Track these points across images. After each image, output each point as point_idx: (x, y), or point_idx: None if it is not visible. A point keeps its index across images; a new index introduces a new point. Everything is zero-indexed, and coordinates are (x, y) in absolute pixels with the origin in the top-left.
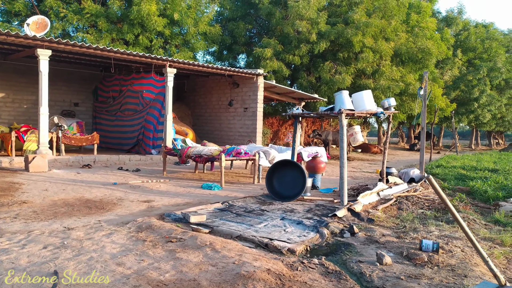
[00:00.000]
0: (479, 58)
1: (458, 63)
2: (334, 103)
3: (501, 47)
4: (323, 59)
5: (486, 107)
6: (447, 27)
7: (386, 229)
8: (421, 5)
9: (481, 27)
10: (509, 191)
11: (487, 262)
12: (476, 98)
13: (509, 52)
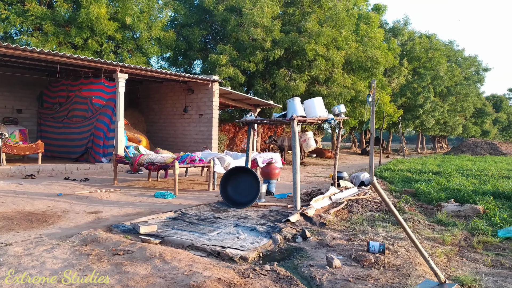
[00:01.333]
0: (423, 67)
1: (404, 72)
2: (287, 110)
3: (443, 56)
4: (278, 66)
5: (430, 113)
6: (394, 37)
7: (337, 233)
8: (370, 16)
9: (425, 37)
10: (450, 193)
11: (428, 261)
12: (421, 104)
13: (450, 61)
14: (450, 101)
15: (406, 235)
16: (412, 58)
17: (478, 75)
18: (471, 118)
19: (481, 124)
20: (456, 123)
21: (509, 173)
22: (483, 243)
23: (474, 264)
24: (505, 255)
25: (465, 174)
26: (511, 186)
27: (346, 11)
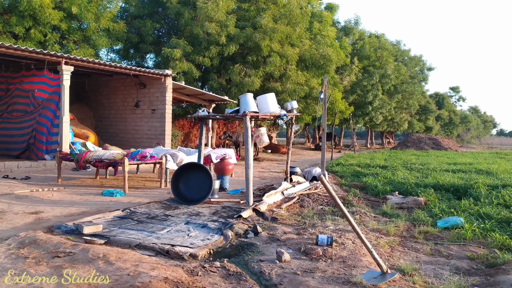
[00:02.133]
0: (372, 66)
1: (355, 70)
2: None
3: (391, 56)
4: (233, 62)
5: (379, 110)
6: (345, 36)
7: (288, 227)
8: (323, 15)
9: (374, 37)
10: (395, 186)
11: (371, 252)
12: (370, 101)
13: (397, 60)
14: (397, 99)
15: (351, 228)
16: (362, 57)
17: (422, 74)
18: (416, 115)
19: (425, 120)
20: (402, 120)
21: (449, 167)
22: (423, 233)
23: (415, 253)
24: (443, 244)
25: (409, 168)
26: (450, 179)
27: (300, 8)
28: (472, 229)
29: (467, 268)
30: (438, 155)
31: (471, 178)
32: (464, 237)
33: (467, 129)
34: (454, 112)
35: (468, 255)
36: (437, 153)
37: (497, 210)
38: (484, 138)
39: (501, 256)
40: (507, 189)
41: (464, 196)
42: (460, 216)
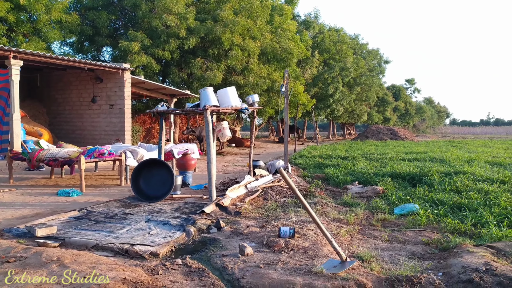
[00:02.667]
0: (332, 59)
1: (316, 63)
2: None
3: (350, 49)
4: (194, 55)
5: (340, 102)
6: (306, 30)
7: (251, 220)
8: (283, 8)
9: (334, 31)
10: (355, 176)
11: (331, 242)
12: (331, 94)
13: (356, 54)
14: (357, 91)
15: (311, 219)
16: (323, 50)
17: (380, 67)
18: (374, 107)
19: (383, 112)
20: (362, 111)
21: (405, 156)
22: (381, 220)
23: (373, 240)
24: (399, 230)
25: (368, 158)
26: (406, 168)
27: (260, 1)
28: (427, 215)
29: (422, 252)
30: (395, 145)
31: (425, 166)
32: (419, 223)
33: (422, 119)
34: (410, 103)
35: (423, 240)
36: (395, 143)
37: (450, 196)
38: (438, 128)
39: (453, 240)
40: (459, 176)
41: (419, 183)
42: (415, 203)
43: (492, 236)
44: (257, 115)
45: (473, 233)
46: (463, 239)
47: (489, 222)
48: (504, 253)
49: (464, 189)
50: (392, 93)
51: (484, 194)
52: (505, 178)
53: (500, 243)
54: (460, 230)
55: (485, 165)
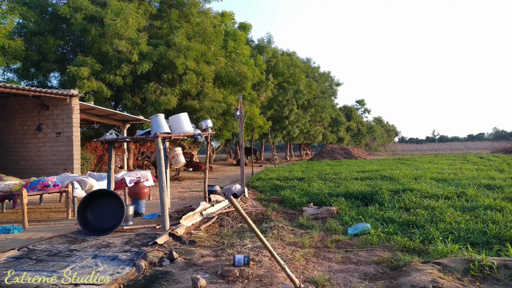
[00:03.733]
0: (286, 82)
1: (270, 86)
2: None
3: (302, 72)
4: (147, 80)
5: (295, 124)
6: (260, 54)
7: (206, 249)
8: (237, 34)
9: (286, 55)
10: (311, 197)
11: (284, 269)
12: (286, 116)
13: (308, 77)
14: (311, 113)
15: (263, 246)
16: (277, 74)
17: (332, 89)
18: (328, 127)
19: (337, 132)
20: (317, 132)
21: (358, 175)
22: (335, 242)
23: (328, 263)
24: (352, 251)
25: (323, 178)
26: (359, 187)
27: (214, 27)
28: (378, 234)
29: (374, 272)
30: (349, 164)
31: (376, 185)
32: (371, 242)
33: (373, 138)
34: (361, 123)
35: (374, 260)
36: (349, 162)
37: (399, 213)
38: (388, 146)
39: (403, 258)
40: (407, 193)
41: (371, 202)
42: (367, 222)
43: (439, 252)
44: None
45: (421, 250)
46: (412, 257)
47: (435, 238)
48: (449, 269)
49: (412, 206)
50: (345, 114)
51: (431, 210)
52: (449, 194)
53: (446, 259)
54: (409, 247)
55: (431, 181)
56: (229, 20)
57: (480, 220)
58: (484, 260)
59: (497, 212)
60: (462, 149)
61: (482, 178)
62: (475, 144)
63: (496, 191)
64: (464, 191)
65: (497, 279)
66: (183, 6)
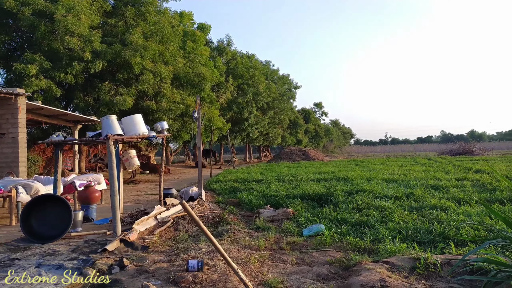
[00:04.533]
0: (246, 84)
1: (230, 88)
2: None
3: (262, 75)
4: (101, 79)
5: (254, 126)
6: (219, 56)
7: (159, 255)
8: (196, 34)
9: (246, 57)
10: (268, 199)
11: (237, 273)
12: (246, 118)
13: (268, 79)
14: (270, 115)
15: (216, 250)
16: (236, 76)
17: (290, 91)
18: (287, 129)
19: (295, 134)
20: (276, 134)
21: (315, 176)
22: (291, 243)
23: (282, 265)
24: (307, 252)
25: (281, 180)
26: (315, 189)
27: (172, 27)
28: (331, 234)
29: (326, 273)
30: (307, 166)
31: (332, 186)
32: (325, 243)
33: (330, 140)
34: (319, 126)
35: (327, 260)
36: (306, 164)
37: (352, 214)
38: (344, 147)
39: (354, 258)
40: (360, 194)
41: (326, 203)
42: (322, 223)
43: (388, 252)
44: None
45: (371, 249)
46: (362, 256)
47: (385, 237)
48: (397, 268)
49: (364, 207)
50: (303, 116)
51: (381, 210)
52: (399, 194)
53: (394, 258)
54: (360, 247)
55: (383, 182)
56: (187, 20)
57: (426, 219)
58: (429, 258)
59: (442, 211)
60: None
61: (429, 179)
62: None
63: (442, 191)
64: (413, 191)
65: (440, 276)
66: (140, 4)
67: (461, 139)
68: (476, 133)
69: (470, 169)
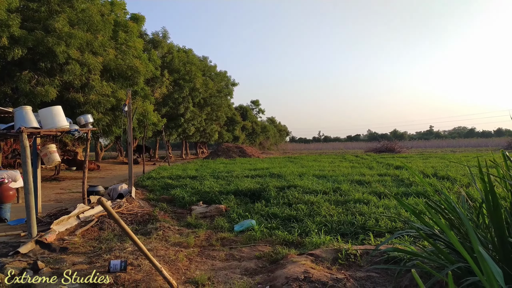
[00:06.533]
0: (182, 79)
1: (166, 82)
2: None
3: (199, 70)
4: (20, 68)
5: (191, 122)
6: (154, 49)
7: (79, 256)
8: (128, 25)
9: (183, 52)
10: (202, 195)
11: (160, 272)
12: (182, 113)
13: (205, 75)
14: (207, 111)
15: (137, 249)
16: (173, 70)
17: (228, 88)
18: (224, 126)
19: (233, 131)
20: (213, 131)
21: (250, 172)
22: (221, 239)
23: (211, 261)
24: (237, 248)
25: (216, 177)
26: (248, 185)
27: (102, 15)
28: (261, 229)
29: (254, 267)
30: (243, 162)
31: (265, 182)
32: (255, 238)
33: (266, 137)
34: (256, 123)
35: (256, 255)
36: (242, 160)
37: (282, 209)
38: (280, 145)
39: (281, 252)
40: (291, 190)
41: (258, 199)
42: (253, 218)
43: (313, 244)
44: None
45: (299, 242)
46: (289, 250)
47: (312, 230)
48: (321, 259)
49: (294, 202)
50: (240, 113)
51: (310, 205)
52: (327, 189)
53: (319, 250)
54: (288, 240)
55: (313, 178)
56: (120, 10)
57: (350, 212)
58: (350, 249)
59: (364, 205)
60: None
61: (355, 174)
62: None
63: (365, 186)
64: (340, 186)
65: (360, 266)
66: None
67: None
68: (398, 132)
69: (391, 166)
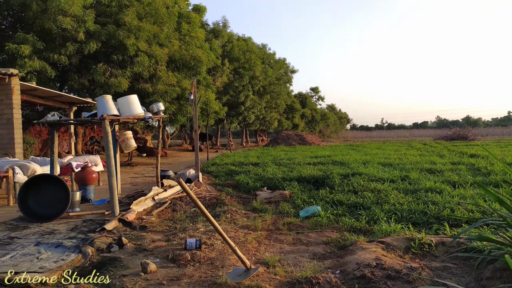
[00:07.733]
0: (242, 68)
1: (226, 71)
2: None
3: (258, 58)
4: (95, 61)
5: (251, 110)
6: (215, 39)
7: (157, 234)
8: (191, 16)
9: (242, 40)
10: (265, 181)
11: (234, 251)
12: (242, 102)
13: (264, 63)
14: (266, 99)
15: (214, 229)
16: (232, 59)
17: (287, 76)
18: (284, 114)
19: (292, 118)
20: (272, 118)
21: (311, 160)
22: (287, 224)
23: (279, 244)
24: (303, 233)
25: (278, 164)
26: (311, 172)
27: (166, 8)
28: (327, 215)
29: (322, 252)
30: (303, 150)
31: (328, 169)
32: (321, 223)
33: (326, 125)
34: (315, 110)
35: (323, 240)
36: (303, 148)
37: (348, 196)
38: (340, 132)
39: (349, 238)
40: (356, 177)
41: (322, 186)
42: (318, 204)
43: (383, 232)
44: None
45: (367, 230)
46: (358, 237)
47: (380, 218)
48: (392, 247)
49: (360, 189)
50: (299, 101)
51: (377, 193)
52: (394, 177)
53: (389, 238)
54: (356, 227)
55: (378, 166)
56: (182, 1)
57: (421, 201)
58: (424, 238)
59: (437, 194)
60: (408, 136)
61: (425, 163)
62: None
63: (437, 175)
64: (408, 174)
65: (435, 256)
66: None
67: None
68: (471, 119)
69: (465, 154)
